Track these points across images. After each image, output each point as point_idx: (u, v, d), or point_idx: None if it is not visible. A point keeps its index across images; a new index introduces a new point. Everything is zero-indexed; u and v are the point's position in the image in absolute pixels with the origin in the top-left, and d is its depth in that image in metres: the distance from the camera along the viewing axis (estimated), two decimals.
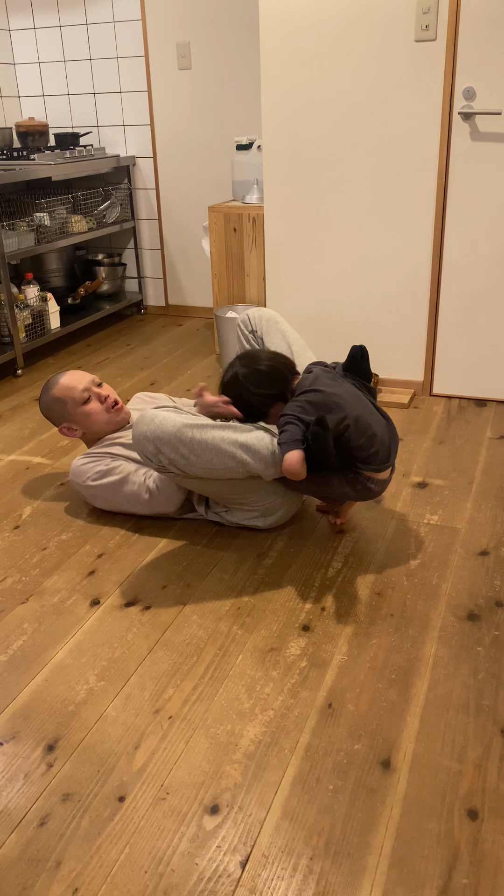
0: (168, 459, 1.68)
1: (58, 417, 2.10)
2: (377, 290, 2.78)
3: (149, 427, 1.69)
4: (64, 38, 3.77)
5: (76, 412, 2.06)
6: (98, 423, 2.07)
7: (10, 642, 1.59)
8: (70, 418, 2.08)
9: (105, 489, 1.96)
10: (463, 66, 2.40)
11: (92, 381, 2.09)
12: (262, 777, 1.25)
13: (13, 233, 3.12)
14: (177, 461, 1.68)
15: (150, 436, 1.68)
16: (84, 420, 2.07)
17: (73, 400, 2.05)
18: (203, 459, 1.67)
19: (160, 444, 1.67)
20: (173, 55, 3.61)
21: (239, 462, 1.69)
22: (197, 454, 1.67)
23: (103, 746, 1.32)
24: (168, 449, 1.67)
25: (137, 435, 1.70)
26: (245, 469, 1.71)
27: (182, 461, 1.68)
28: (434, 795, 1.21)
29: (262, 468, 1.71)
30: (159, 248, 4.03)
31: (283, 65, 2.61)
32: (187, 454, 1.67)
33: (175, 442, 1.67)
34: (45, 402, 2.10)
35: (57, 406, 2.07)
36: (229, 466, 1.69)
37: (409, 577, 1.76)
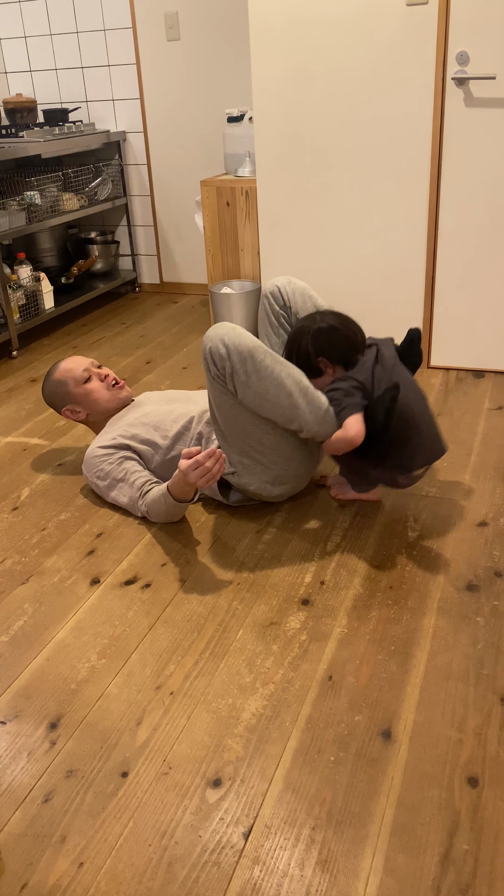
0: (232, 369, 1.67)
1: (61, 400, 2.10)
2: (373, 261, 2.75)
3: (229, 333, 1.68)
4: (50, 10, 3.69)
5: (77, 392, 2.06)
6: (100, 401, 2.07)
7: (11, 623, 1.60)
8: (72, 399, 2.08)
9: (105, 489, 1.97)
10: (456, 29, 2.35)
11: (91, 362, 2.11)
12: (264, 750, 1.26)
13: (4, 212, 3.08)
14: (239, 374, 1.67)
15: (228, 341, 1.66)
16: (86, 399, 2.06)
17: (74, 380, 2.06)
18: (262, 385, 1.67)
19: (233, 351, 1.66)
20: (161, 26, 3.54)
21: (292, 403, 1.68)
22: (260, 377, 1.66)
23: (105, 723, 1.33)
24: (237, 358, 1.66)
25: (214, 335, 1.68)
26: (293, 413, 1.69)
27: (243, 376, 1.67)
28: (434, 764, 1.21)
29: (310, 420, 1.70)
30: (152, 225, 3.99)
31: (273, 33, 2.56)
32: (251, 372, 1.66)
33: (247, 355, 1.66)
34: (47, 388, 2.11)
35: (59, 389, 2.08)
36: (281, 404, 1.68)
37: (408, 549, 1.76)
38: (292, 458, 1.84)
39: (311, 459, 1.88)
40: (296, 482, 1.90)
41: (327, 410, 1.71)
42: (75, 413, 2.10)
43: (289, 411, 1.69)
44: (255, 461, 1.82)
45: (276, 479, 1.86)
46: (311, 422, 1.70)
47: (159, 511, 1.84)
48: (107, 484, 1.95)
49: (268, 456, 1.81)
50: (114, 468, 1.94)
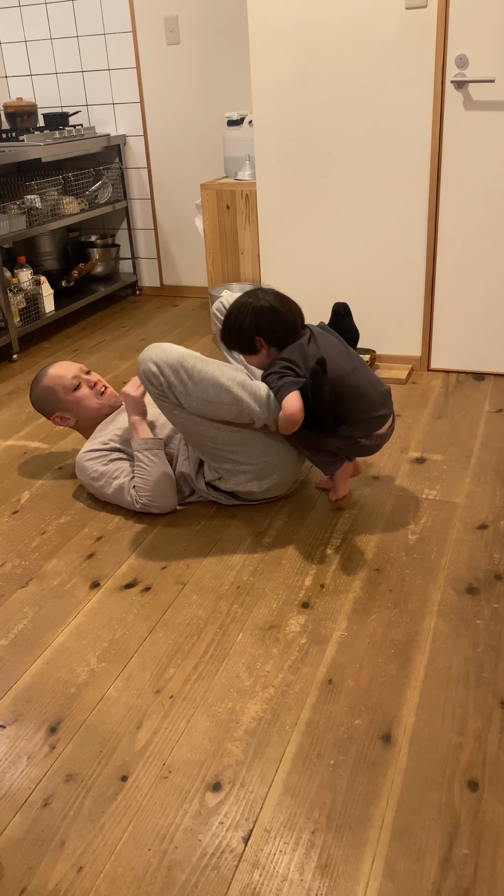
0: (168, 382, 1.71)
1: (50, 407, 2.09)
2: (372, 264, 2.75)
3: (155, 351, 1.73)
4: (50, 14, 3.70)
5: (67, 399, 2.06)
6: (90, 408, 2.07)
7: (11, 626, 1.60)
8: (62, 406, 2.08)
9: (101, 489, 1.97)
10: (455, 33, 2.36)
11: (80, 368, 2.11)
12: (264, 753, 1.26)
13: (4, 216, 3.09)
14: (175, 386, 1.71)
15: (155, 358, 1.71)
16: (75, 406, 2.07)
17: (64, 388, 2.06)
18: (200, 389, 1.70)
19: (162, 366, 1.70)
20: (161, 30, 3.55)
21: (234, 398, 1.71)
22: (195, 382, 1.70)
23: (105, 727, 1.33)
24: (169, 371, 1.70)
25: (144, 358, 1.73)
26: (238, 407, 1.72)
27: (180, 387, 1.70)
28: (435, 768, 1.21)
29: (256, 409, 1.73)
30: (153, 228, 3.99)
31: (273, 37, 2.56)
32: (186, 380, 1.70)
33: (177, 366, 1.70)
34: (35, 394, 2.11)
35: (48, 395, 2.08)
36: (224, 402, 1.71)
37: (408, 552, 1.76)
38: (267, 450, 1.85)
39: (288, 447, 1.89)
40: (282, 472, 1.90)
41: (269, 396, 1.75)
42: (65, 420, 2.11)
43: (234, 406, 1.72)
44: (233, 462, 1.85)
45: (260, 474, 1.87)
46: (259, 410, 1.74)
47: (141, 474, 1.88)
48: (102, 483, 1.95)
49: (242, 454, 1.83)
50: (108, 467, 1.95)
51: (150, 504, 1.91)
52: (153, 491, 1.88)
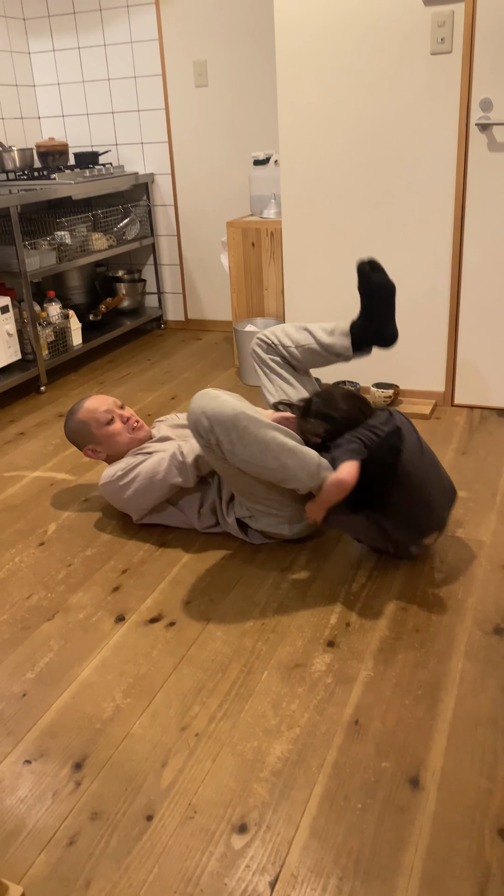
0: (216, 440, 1.68)
1: (83, 440, 2.13)
2: (396, 301, 2.77)
3: (209, 404, 1.69)
4: (83, 59, 3.83)
5: (100, 433, 2.10)
6: (120, 443, 2.11)
7: (38, 659, 1.60)
8: (94, 440, 2.11)
9: (127, 482, 1.98)
10: (479, 77, 2.40)
11: (114, 402, 2.14)
12: (290, 795, 1.25)
13: (35, 252, 3.16)
14: (223, 444, 1.68)
15: (210, 413, 1.68)
16: (107, 441, 2.10)
17: (97, 421, 2.09)
18: (248, 452, 1.68)
19: (215, 423, 1.67)
20: (190, 73, 3.65)
21: (281, 465, 1.68)
22: (245, 444, 1.67)
23: (131, 764, 1.33)
24: (220, 430, 1.67)
25: (196, 409, 1.70)
26: (285, 474, 1.69)
27: (228, 446, 1.68)
28: (464, 814, 1.19)
29: (302, 479, 1.70)
30: (178, 264, 4.06)
31: (300, 80, 2.63)
32: (235, 440, 1.67)
33: (230, 426, 1.67)
34: (70, 426, 2.15)
35: (82, 428, 2.11)
36: (270, 467, 1.69)
37: (434, 591, 1.75)
38: (304, 499, 1.85)
39: None
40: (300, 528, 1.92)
41: (319, 464, 1.70)
42: (96, 453, 2.14)
43: (279, 473, 1.70)
44: (266, 506, 1.85)
45: (291, 520, 1.89)
46: (305, 479, 1.70)
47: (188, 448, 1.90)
48: (129, 480, 1.97)
49: (278, 501, 1.84)
50: (134, 466, 1.98)
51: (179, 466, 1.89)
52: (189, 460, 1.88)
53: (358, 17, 2.48)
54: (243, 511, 1.90)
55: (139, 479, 1.96)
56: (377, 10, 2.44)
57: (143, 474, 1.96)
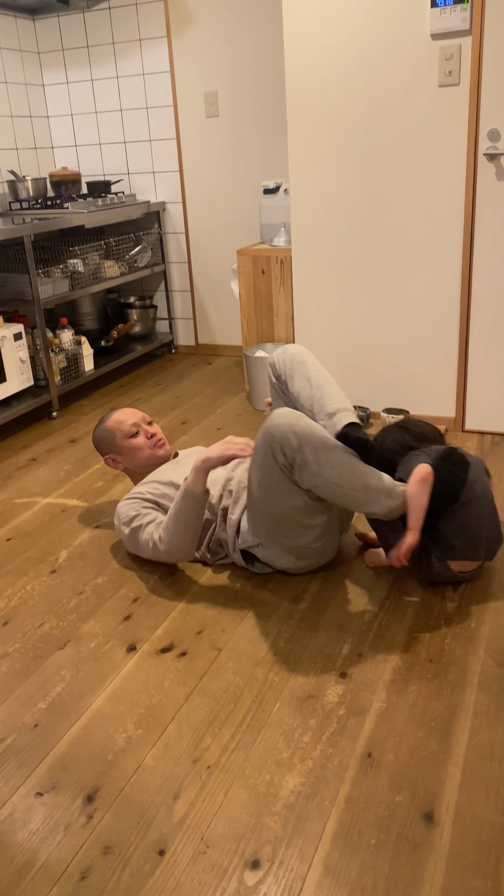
0: (302, 459, 1.69)
1: (106, 448, 2.18)
2: (406, 327, 2.79)
3: (298, 423, 1.70)
4: (95, 90, 3.90)
5: (122, 444, 2.14)
6: (140, 457, 2.13)
7: (49, 689, 1.60)
8: (116, 450, 2.15)
9: (129, 535, 1.99)
10: (487, 108, 2.44)
11: (143, 418, 2.18)
12: (303, 830, 1.24)
13: (48, 279, 3.20)
14: (310, 464, 1.69)
15: (300, 432, 1.69)
16: (129, 453, 2.14)
17: (122, 432, 2.14)
18: (335, 472, 1.69)
19: (304, 443, 1.68)
20: (201, 104, 3.71)
21: (364, 485, 1.70)
22: (332, 465, 1.69)
23: (142, 797, 1.32)
24: (309, 450, 1.69)
25: (284, 426, 1.70)
26: (365, 495, 1.70)
27: (315, 466, 1.69)
28: (479, 851, 1.18)
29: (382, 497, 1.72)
30: (189, 290, 4.10)
31: (309, 111, 2.67)
32: (323, 462, 1.69)
33: (319, 446, 1.69)
34: (97, 433, 2.20)
35: (107, 436, 2.16)
36: (354, 487, 1.70)
37: (447, 620, 1.74)
38: (319, 538, 1.86)
39: (335, 540, 1.92)
40: (318, 559, 1.92)
41: (392, 483, 1.74)
42: (115, 462, 2.18)
43: (361, 494, 1.70)
44: (282, 536, 1.84)
45: (300, 555, 1.88)
46: (385, 499, 1.71)
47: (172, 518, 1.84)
48: (131, 529, 1.97)
49: (297, 534, 1.83)
50: (138, 513, 1.97)
51: (166, 544, 1.87)
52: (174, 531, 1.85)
53: (367, 50, 2.52)
54: (253, 539, 1.89)
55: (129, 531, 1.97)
56: (386, 43, 2.49)
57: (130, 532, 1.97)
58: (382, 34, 2.48)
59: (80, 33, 3.82)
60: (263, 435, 1.73)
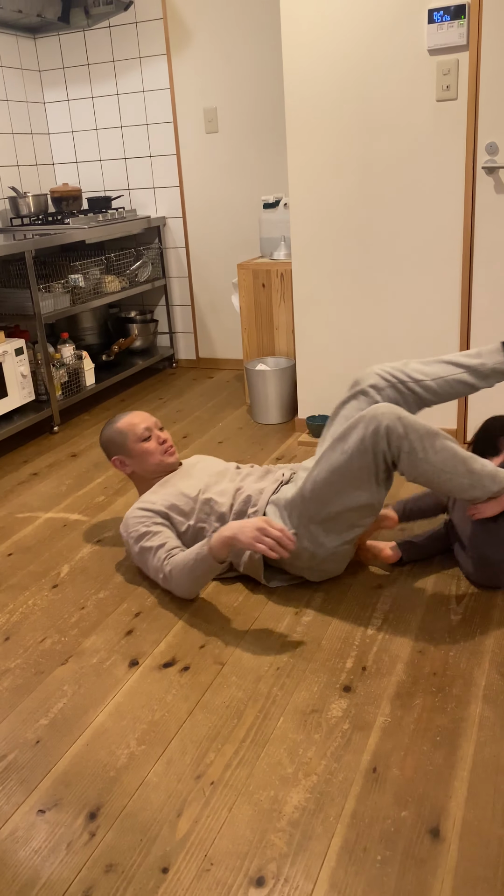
0: (409, 447, 1.71)
1: (115, 449, 2.14)
2: (407, 340, 2.80)
3: (402, 412, 1.73)
4: (96, 107, 3.93)
5: (134, 447, 2.10)
6: (149, 462, 2.10)
7: (51, 705, 1.59)
8: (126, 452, 2.12)
9: (138, 553, 1.97)
10: (484, 122, 2.45)
11: (155, 423, 2.16)
12: (308, 846, 1.22)
13: (49, 295, 3.22)
14: (416, 451, 1.71)
15: (405, 420, 1.72)
16: (139, 456, 2.10)
17: (135, 435, 2.10)
18: (440, 458, 1.72)
19: (410, 430, 1.71)
20: (200, 120, 3.74)
21: (467, 470, 1.74)
22: (436, 451, 1.72)
23: (145, 814, 1.31)
24: (415, 437, 1.71)
25: (390, 414, 1.72)
26: (469, 479, 1.74)
27: (421, 453, 1.71)
28: (486, 867, 1.17)
29: (486, 481, 1.75)
30: (190, 304, 4.12)
31: (309, 126, 2.69)
32: (429, 448, 1.71)
33: (423, 433, 1.72)
34: (106, 434, 2.15)
35: (118, 438, 2.12)
36: (458, 472, 1.73)
37: (451, 633, 1.73)
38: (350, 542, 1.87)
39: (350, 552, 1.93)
40: (337, 566, 1.93)
41: (495, 468, 1.77)
42: (123, 465, 2.14)
43: (465, 479, 1.73)
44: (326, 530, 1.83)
45: (327, 557, 1.87)
46: (488, 482, 1.75)
47: (184, 568, 1.82)
48: (139, 547, 1.95)
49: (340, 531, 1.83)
50: (149, 530, 1.95)
51: (173, 585, 1.88)
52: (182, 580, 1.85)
53: (365, 65, 2.54)
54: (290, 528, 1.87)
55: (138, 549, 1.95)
56: (384, 58, 2.51)
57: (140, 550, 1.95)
58: (380, 50, 2.51)
59: (81, 51, 3.86)
60: (367, 422, 1.73)
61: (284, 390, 3.18)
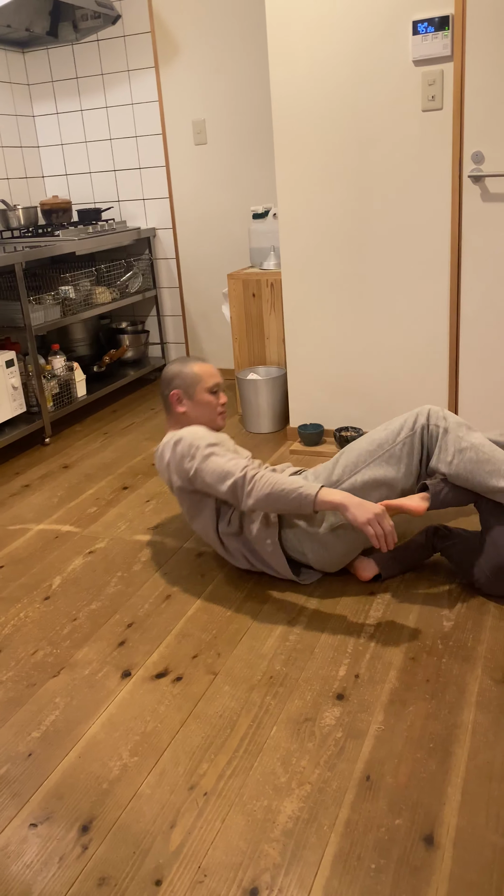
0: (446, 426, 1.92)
1: (180, 384, 2.09)
2: (396, 348, 2.81)
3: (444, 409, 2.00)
4: (85, 120, 3.95)
5: (199, 394, 2.09)
6: (203, 415, 2.10)
7: (43, 717, 1.58)
8: (190, 396, 2.09)
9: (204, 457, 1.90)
10: (470, 132, 2.48)
11: (222, 384, 2.15)
12: (302, 856, 1.22)
13: (40, 307, 3.22)
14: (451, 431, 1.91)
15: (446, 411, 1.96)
16: (198, 405, 2.09)
17: (206, 384, 2.09)
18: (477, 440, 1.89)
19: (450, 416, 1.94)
20: (189, 132, 3.76)
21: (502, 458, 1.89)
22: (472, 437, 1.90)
23: (138, 826, 1.30)
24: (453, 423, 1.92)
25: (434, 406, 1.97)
26: None
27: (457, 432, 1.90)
28: (481, 874, 1.16)
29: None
30: (181, 315, 4.13)
31: (296, 137, 2.71)
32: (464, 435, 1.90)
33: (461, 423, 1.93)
34: (177, 368, 2.11)
35: (189, 377, 2.09)
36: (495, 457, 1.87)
37: (444, 639, 1.73)
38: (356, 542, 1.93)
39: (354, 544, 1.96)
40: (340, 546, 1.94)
41: None
42: (179, 402, 2.10)
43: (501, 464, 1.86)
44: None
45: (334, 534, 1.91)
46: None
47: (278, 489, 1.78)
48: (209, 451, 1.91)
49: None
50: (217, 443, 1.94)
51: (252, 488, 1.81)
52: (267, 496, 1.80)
53: (351, 77, 2.56)
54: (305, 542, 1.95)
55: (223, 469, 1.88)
56: (370, 70, 2.53)
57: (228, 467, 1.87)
58: (366, 61, 2.53)
59: (70, 65, 3.88)
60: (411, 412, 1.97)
61: (276, 399, 3.18)
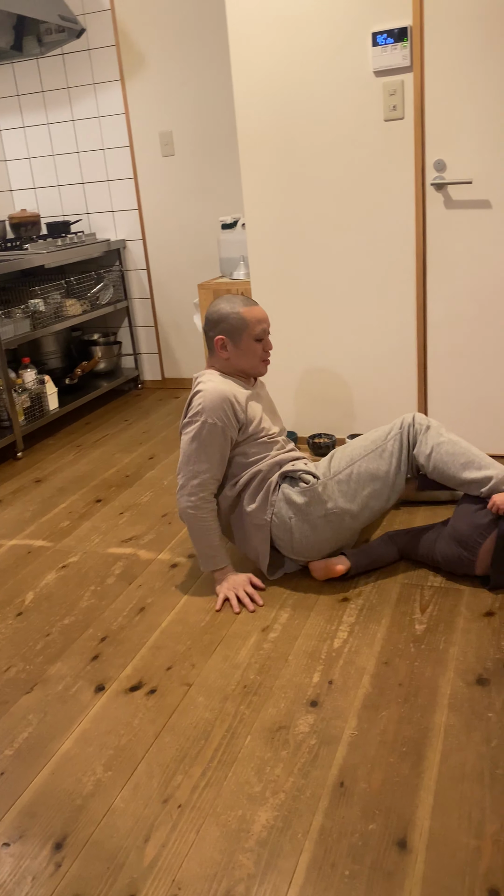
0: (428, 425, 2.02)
1: (225, 329, 2.01)
2: (365, 354, 2.83)
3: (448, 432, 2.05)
4: (52, 134, 3.95)
5: (245, 342, 2.01)
6: (247, 361, 2.04)
7: (16, 734, 1.57)
8: (235, 341, 2.02)
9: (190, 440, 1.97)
10: (431, 140, 2.51)
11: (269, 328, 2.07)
12: (276, 865, 1.22)
13: (9, 320, 3.20)
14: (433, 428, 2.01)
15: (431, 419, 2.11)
16: (243, 352, 2.02)
17: (253, 331, 2.01)
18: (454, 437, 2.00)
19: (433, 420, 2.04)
20: (157, 144, 3.77)
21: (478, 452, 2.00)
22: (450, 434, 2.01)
23: (112, 841, 1.29)
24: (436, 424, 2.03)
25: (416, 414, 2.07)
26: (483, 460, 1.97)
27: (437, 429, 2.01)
28: (453, 876, 1.17)
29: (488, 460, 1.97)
30: (153, 325, 4.13)
31: (261, 148, 2.73)
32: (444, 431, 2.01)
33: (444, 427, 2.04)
34: (226, 310, 2.02)
35: (236, 322, 2.00)
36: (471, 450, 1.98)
37: (416, 643, 1.74)
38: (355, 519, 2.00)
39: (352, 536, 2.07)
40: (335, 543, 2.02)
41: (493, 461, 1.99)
42: (223, 348, 2.03)
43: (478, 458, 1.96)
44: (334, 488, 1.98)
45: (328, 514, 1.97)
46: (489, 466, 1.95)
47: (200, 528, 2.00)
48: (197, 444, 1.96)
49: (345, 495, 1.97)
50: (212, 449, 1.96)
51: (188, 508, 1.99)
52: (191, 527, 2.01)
53: (314, 88, 2.59)
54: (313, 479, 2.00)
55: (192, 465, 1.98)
56: (332, 81, 2.56)
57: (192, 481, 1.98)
58: (328, 73, 2.56)
59: (35, 79, 3.88)
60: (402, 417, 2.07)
61: None
